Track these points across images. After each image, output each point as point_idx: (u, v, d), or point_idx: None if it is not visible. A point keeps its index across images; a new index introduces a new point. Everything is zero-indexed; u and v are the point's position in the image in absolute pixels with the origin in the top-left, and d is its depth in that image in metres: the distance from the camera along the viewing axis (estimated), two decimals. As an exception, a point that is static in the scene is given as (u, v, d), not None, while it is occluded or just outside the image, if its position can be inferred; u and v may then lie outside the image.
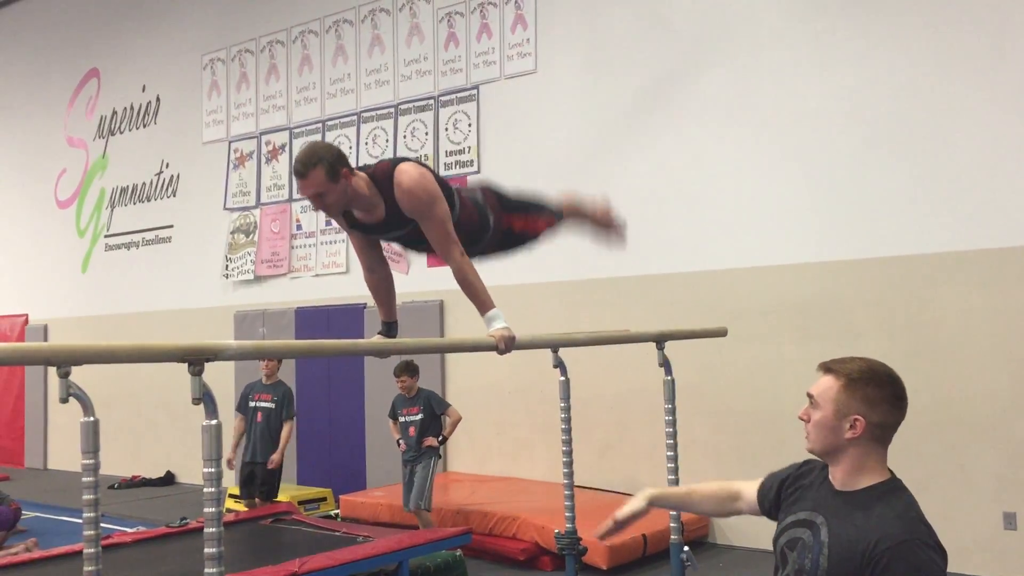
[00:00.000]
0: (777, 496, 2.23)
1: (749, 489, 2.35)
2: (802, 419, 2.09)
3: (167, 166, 11.60)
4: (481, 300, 3.28)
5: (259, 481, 7.33)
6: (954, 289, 6.31)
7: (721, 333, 4.78)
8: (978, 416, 6.16)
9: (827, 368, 2.07)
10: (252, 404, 7.40)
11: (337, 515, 7.88)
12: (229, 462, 7.42)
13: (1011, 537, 5.97)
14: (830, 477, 2.07)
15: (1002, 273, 6.13)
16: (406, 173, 3.09)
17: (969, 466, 6.16)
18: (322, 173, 2.97)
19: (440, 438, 7.03)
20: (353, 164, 3.17)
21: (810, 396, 2.07)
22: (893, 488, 2.00)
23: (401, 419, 7.11)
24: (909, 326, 6.45)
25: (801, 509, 2.09)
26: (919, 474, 6.26)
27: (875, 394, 1.99)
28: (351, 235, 3.42)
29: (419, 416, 7.00)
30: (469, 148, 8.86)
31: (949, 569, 1.93)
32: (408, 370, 7.07)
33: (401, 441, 7.08)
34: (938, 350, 6.33)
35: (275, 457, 7.28)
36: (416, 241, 3.33)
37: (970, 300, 6.24)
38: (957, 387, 6.24)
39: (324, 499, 8.61)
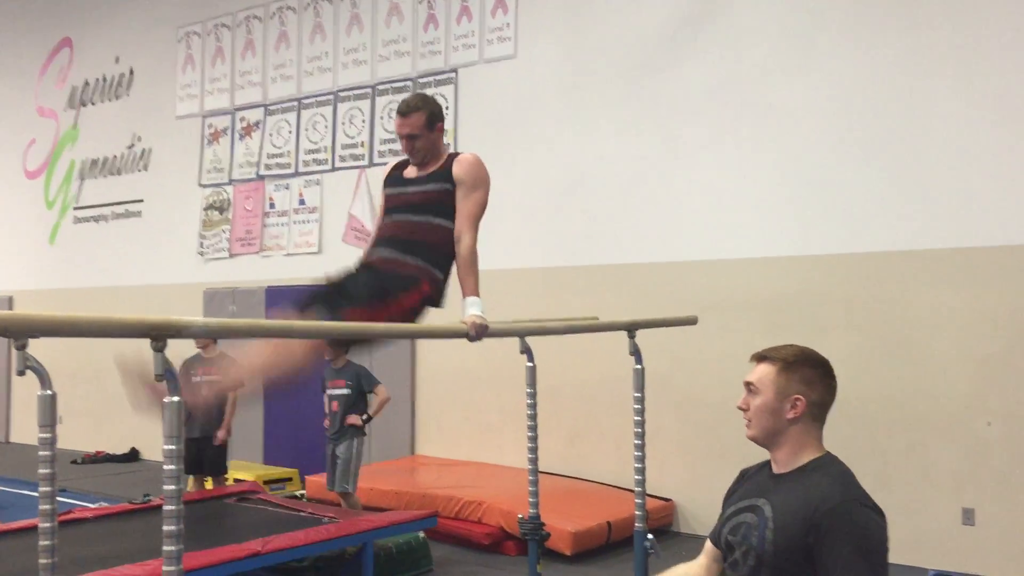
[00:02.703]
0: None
1: (708, 547, 2.35)
2: (741, 408, 2.18)
3: (139, 139, 11.45)
4: (470, 284, 3.44)
5: (206, 458, 7.15)
6: (923, 287, 6.37)
7: (691, 322, 4.80)
8: (940, 413, 6.24)
9: (761, 357, 2.19)
10: (196, 379, 7.15)
11: (303, 495, 7.85)
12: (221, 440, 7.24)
13: (970, 532, 6.06)
14: (771, 463, 2.17)
15: (970, 273, 6.20)
16: (473, 154, 3.59)
17: (930, 462, 6.24)
18: (423, 118, 3.38)
19: (365, 417, 6.66)
20: (328, 144, 3.24)
21: (748, 384, 2.18)
22: (828, 460, 2.10)
23: (327, 391, 6.74)
24: (876, 322, 6.51)
25: (742, 498, 2.18)
26: (881, 469, 6.34)
27: (811, 374, 2.11)
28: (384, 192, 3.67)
29: (345, 391, 6.63)
30: (446, 131, 8.80)
31: (909, 563, 1.99)
32: (337, 341, 6.53)
33: (326, 418, 6.73)
34: (904, 347, 6.39)
35: (220, 433, 7.11)
36: (415, 203, 3.44)
37: (938, 299, 6.30)
38: (921, 384, 6.31)
39: (290, 479, 8.58)
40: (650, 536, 4.01)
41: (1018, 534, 5.91)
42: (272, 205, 10.10)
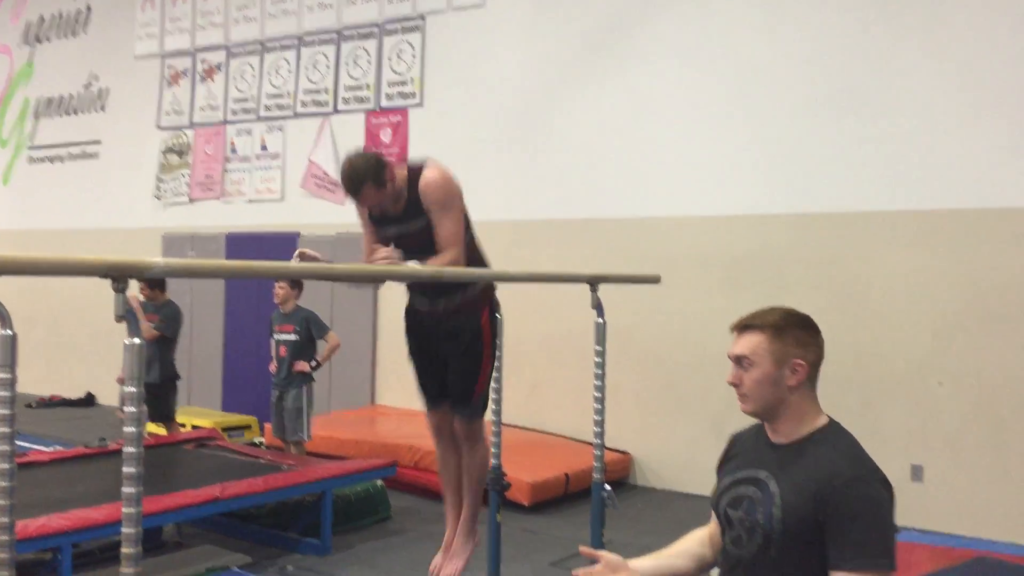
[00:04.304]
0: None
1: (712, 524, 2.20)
2: (733, 384, 2.04)
3: (96, 79, 11.17)
4: (430, 264, 3.40)
5: (153, 404, 6.89)
6: (881, 248, 6.46)
7: (654, 280, 4.81)
8: (893, 373, 6.37)
9: (744, 326, 2.04)
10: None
11: (261, 443, 7.84)
12: (120, 380, 7.04)
13: (918, 489, 6.22)
14: (768, 434, 2.06)
15: (928, 235, 6.29)
16: (435, 168, 3.37)
17: (881, 419, 6.37)
18: (372, 188, 3.27)
19: (313, 363, 6.52)
20: (291, 89, 3.18)
21: (739, 357, 2.02)
22: (834, 430, 2.02)
23: (274, 336, 6.62)
24: (836, 282, 6.59)
25: (740, 468, 2.08)
26: (835, 426, 6.47)
27: (803, 335, 2.01)
28: (367, 226, 3.62)
29: (293, 336, 6.50)
30: (412, 80, 8.70)
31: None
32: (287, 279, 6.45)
33: (272, 363, 6.62)
34: (861, 307, 6.49)
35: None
36: (416, 245, 3.42)
37: (896, 260, 6.40)
38: (876, 343, 6.43)
39: (248, 427, 8.55)
40: (607, 487, 4.05)
41: (965, 491, 6.09)
42: (234, 150, 9.93)
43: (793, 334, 2.00)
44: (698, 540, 2.22)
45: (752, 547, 1.97)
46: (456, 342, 3.49)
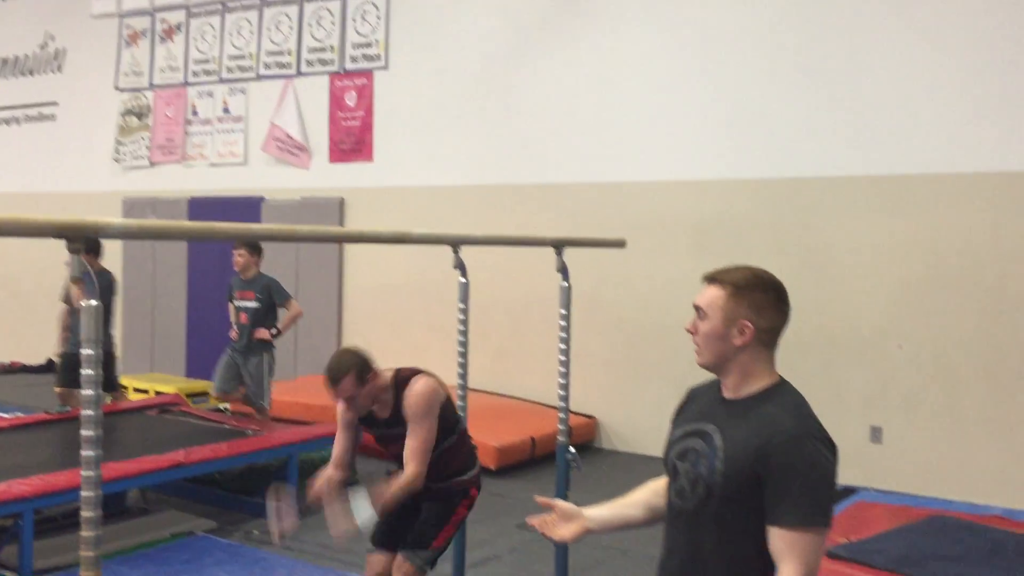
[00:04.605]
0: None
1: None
2: (690, 332, 2.07)
3: (52, 39, 10.89)
4: (385, 503, 3.29)
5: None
6: (846, 213, 6.51)
7: (620, 244, 4.82)
8: (854, 336, 6.46)
9: (712, 279, 2.06)
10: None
11: (226, 408, 7.78)
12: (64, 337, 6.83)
13: (877, 449, 6.34)
14: (721, 388, 2.09)
15: (892, 200, 6.35)
16: (422, 382, 3.36)
17: (841, 382, 6.47)
18: (352, 380, 3.25)
19: (274, 331, 6.44)
20: (253, 50, 3.08)
21: (697, 308, 2.06)
22: (783, 389, 2.04)
23: (235, 303, 6.52)
24: (800, 247, 6.64)
25: (690, 421, 2.10)
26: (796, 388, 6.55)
27: (761, 299, 2.01)
28: (342, 432, 3.62)
29: (254, 304, 6.40)
30: (377, 42, 8.58)
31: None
32: (248, 245, 6.40)
33: (232, 329, 6.55)
34: (824, 271, 6.56)
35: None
36: (399, 449, 3.40)
37: (859, 225, 6.46)
38: (838, 308, 6.50)
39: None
40: (572, 450, 4.08)
41: (921, 451, 6.21)
42: (195, 113, 9.76)
43: (752, 296, 2.01)
44: (652, 491, 2.25)
45: (694, 499, 1.99)
46: (437, 498, 3.51)
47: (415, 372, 3.42)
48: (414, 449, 3.31)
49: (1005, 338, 5.96)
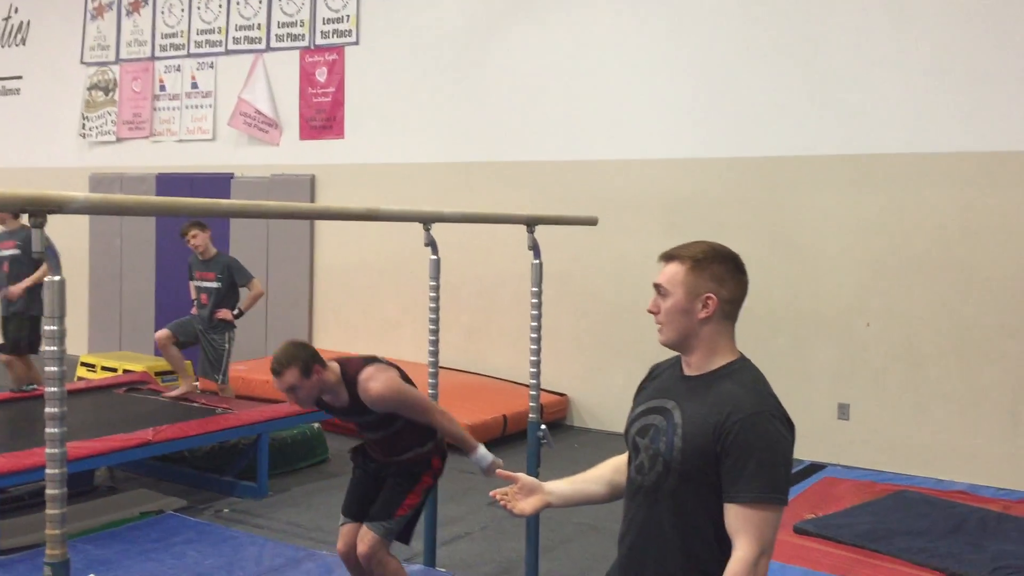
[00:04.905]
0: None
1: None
2: (652, 311, 2.08)
3: (15, 11, 10.67)
4: (467, 443, 3.57)
5: (10, 336, 6.63)
6: (814, 192, 6.55)
7: (591, 222, 4.82)
8: (823, 313, 6.52)
9: (669, 256, 2.07)
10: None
11: (196, 387, 7.73)
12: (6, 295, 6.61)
13: (844, 426, 6.42)
14: (682, 365, 2.10)
15: (860, 180, 6.39)
16: (373, 380, 3.33)
17: (810, 360, 6.53)
18: (296, 372, 3.26)
19: (236, 311, 6.37)
20: (222, 24, 3.03)
21: (658, 286, 2.07)
22: (741, 366, 2.05)
23: (195, 283, 6.44)
24: (771, 225, 6.68)
25: (651, 397, 2.11)
26: (764, 366, 6.58)
27: (721, 270, 2.03)
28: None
29: (215, 284, 6.33)
30: (348, 16, 8.49)
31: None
32: (197, 224, 6.32)
33: (194, 307, 6.46)
34: (795, 250, 6.61)
35: (12, 289, 6.50)
36: (383, 423, 3.44)
37: (829, 204, 6.50)
38: (807, 286, 6.56)
39: (182, 371, 8.42)
40: (543, 428, 4.10)
41: (887, 428, 6.29)
42: (162, 88, 9.63)
43: (711, 269, 2.02)
44: (613, 467, 2.26)
45: (653, 475, 2.00)
46: (401, 472, 3.55)
47: (361, 365, 3.38)
48: (420, 415, 3.41)
49: (969, 316, 6.05)
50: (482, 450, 3.58)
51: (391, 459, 3.53)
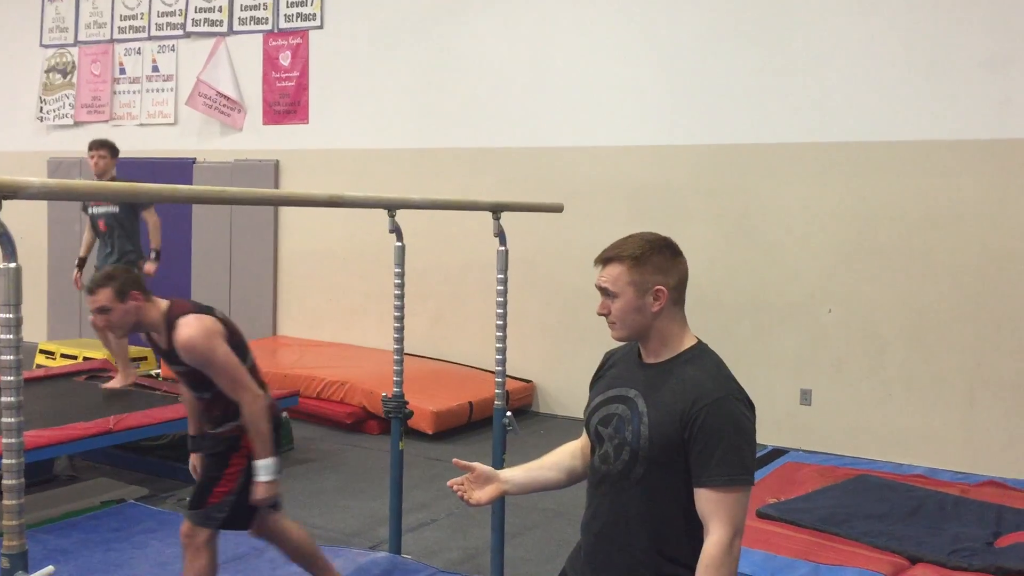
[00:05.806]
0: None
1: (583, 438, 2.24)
2: (602, 313, 2.10)
3: (-30, -9, 10.44)
4: (263, 447, 3.25)
5: None
6: (779, 180, 6.60)
7: (557, 209, 4.82)
8: (786, 300, 6.58)
9: (607, 259, 2.09)
10: None
11: (158, 374, 7.64)
12: None
13: (806, 411, 6.49)
14: (640, 354, 2.12)
15: (823, 167, 6.45)
16: (186, 326, 3.15)
17: (773, 346, 6.60)
18: (110, 293, 3.12)
19: (152, 255, 6.08)
20: (183, 7, 2.95)
21: (604, 289, 2.08)
22: (700, 352, 2.08)
23: (90, 211, 6.08)
24: (735, 212, 6.73)
25: (611, 386, 2.12)
26: (728, 352, 6.64)
27: (661, 260, 2.05)
28: None
29: (112, 208, 5.98)
30: (312, 1, 8.40)
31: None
32: (107, 145, 6.04)
33: (83, 236, 6.05)
34: (758, 237, 6.65)
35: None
36: (196, 382, 3.27)
37: (792, 191, 6.56)
38: (770, 273, 6.61)
39: (144, 358, 8.31)
40: (508, 414, 4.10)
41: (848, 413, 6.38)
42: (122, 71, 9.47)
43: (653, 261, 2.04)
44: (569, 453, 2.27)
45: (619, 464, 2.02)
46: (212, 452, 3.38)
47: (190, 310, 3.22)
48: (227, 384, 3.19)
49: (928, 303, 6.13)
50: (267, 463, 3.24)
51: (203, 431, 3.37)
